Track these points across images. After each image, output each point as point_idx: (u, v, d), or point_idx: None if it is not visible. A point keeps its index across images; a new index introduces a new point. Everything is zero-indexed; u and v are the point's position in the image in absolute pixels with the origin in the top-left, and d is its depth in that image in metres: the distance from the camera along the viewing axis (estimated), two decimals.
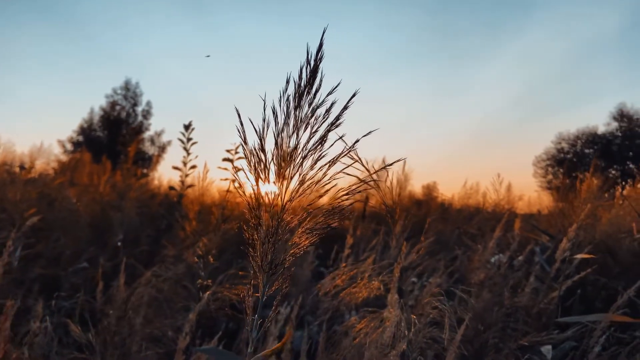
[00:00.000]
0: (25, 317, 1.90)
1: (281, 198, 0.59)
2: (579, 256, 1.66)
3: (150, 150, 24.21)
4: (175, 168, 4.01)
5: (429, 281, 2.25)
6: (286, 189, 0.59)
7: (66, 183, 4.11)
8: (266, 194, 0.59)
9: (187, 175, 3.99)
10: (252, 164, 0.59)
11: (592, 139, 19.98)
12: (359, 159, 0.95)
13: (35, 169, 6.25)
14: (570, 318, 1.46)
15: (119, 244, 2.71)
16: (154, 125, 25.00)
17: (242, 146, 0.60)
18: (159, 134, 24.45)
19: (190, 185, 3.99)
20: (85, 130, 23.70)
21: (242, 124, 0.61)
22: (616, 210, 2.87)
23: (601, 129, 20.02)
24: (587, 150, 19.87)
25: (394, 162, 0.67)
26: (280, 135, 0.58)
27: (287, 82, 0.57)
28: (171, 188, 4.81)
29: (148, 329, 1.65)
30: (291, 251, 0.59)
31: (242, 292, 0.60)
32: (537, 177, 20.71)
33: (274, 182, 0.60)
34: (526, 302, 1.87)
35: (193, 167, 3.98)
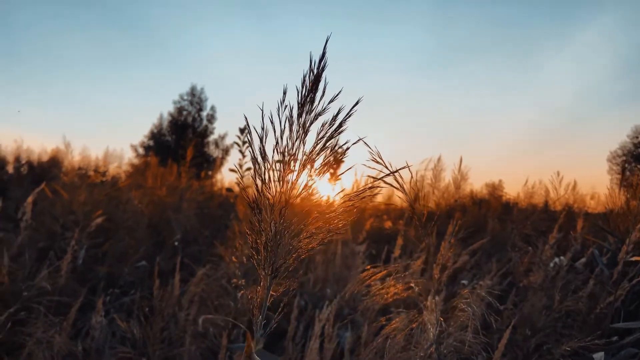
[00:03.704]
0: (91, 312, 2.05)
1: (282, 202, 0.60)
2: (636, 258, 1.56)
3: (215, 153, 25.15)
4: (232, 170, 4.14)
5: (480, 283, 2.19)
6: (289, 193, 0.61)
7: (132, 185, 4.37)
8: (267, 197, 0.61)
9: (242, 177, 4.12)
10: (255, 169, 0.62)
11: None
12: (382, 161, 0.95)
13: (108, 172, 6.69)
14: (626, 324, 1.37)
15: (176, 243, 2.84)
16: (218, 128, 25.99)
17: (250, 152, 0.63)
18: (222, 137, 25.35)
19: (246, 187, 4.11)
20: (155, 135, 25.01)
21: (249, 131, 0.63)
22: None
23: None
24: None
25: (401, 168, 0.67)
26: (279, 143, 0.60)
27: (284, 92, 0.59)
28: (228, 190, 4.98)
29: (194, 326, 1.72)
30: (294, 255, 0.60)
31: (251, 294, 0.62)
32: (612, 173, 19.38)
33: (277, 187, 0.61)
34: (580, 306, 1.77)
35: (248, 169, 4.11)
